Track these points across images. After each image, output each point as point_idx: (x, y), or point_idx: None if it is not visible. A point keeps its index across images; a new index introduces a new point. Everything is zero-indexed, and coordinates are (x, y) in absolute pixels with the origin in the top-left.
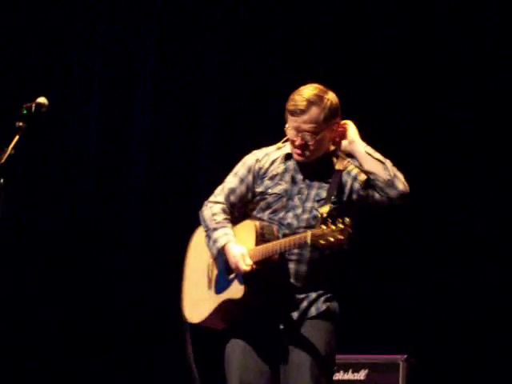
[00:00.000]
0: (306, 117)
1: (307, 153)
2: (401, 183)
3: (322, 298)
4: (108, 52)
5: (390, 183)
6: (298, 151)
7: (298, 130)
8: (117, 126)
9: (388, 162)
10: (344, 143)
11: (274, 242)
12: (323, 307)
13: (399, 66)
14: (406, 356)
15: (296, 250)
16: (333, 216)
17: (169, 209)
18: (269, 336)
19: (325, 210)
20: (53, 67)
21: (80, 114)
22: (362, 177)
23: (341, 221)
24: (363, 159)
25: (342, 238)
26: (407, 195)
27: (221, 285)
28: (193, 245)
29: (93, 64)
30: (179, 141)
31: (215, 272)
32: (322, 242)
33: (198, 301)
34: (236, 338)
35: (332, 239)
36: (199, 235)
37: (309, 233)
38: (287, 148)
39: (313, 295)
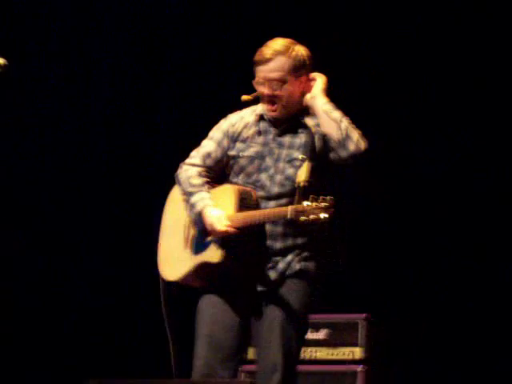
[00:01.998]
0: (271, 65)
1: (278, 105)
2: (352, 144)
3: (297, 258)
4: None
5: (341, 144)
6: (270, 106)
7: (265, 79)
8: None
9: (344, 122)
10: (307, 97)
11: (254, 213)
12: (297, 267)
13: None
14: (365, 315)
15: None
16: (311, 186)
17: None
18: (243, 295)
19: (301, 177)
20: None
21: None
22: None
23: (322, 198)
24: (320, 116)
25: (325, 216)
26: (359, 156)
27: (198, 246)
28: (170, 202)
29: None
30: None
31: (192, 232)
32: (302, 218)
33: (174, 259)
34: (209, 293)
35: (314, 217)
36: (176, 193)
37: (289, 207)
38: (260, 109)
39: (289, 256)
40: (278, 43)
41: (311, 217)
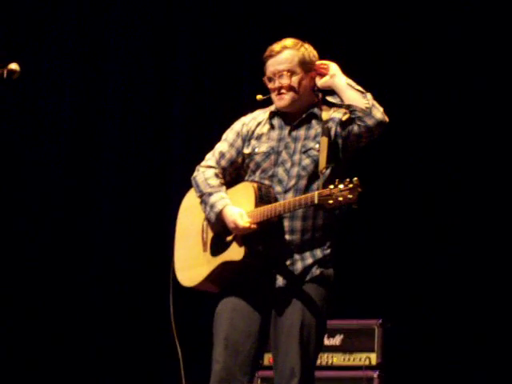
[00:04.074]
0: (280, 57)
1: (286, 95)
2: (379, 112)
3: (318, 263)
4: (79, 27)
5: (368, 111)
6: (278, 95)
7: (274, 74)
8: (90, 93)
9: (369, 94)
10: (325, 78)
11: (276, 204)
12: (317, 272)
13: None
14: (381, 321)
15: None
16: (333, 172)
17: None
18: (261, 297)
19: (322, 164)
20: (25, 34)
21: (53, 83)
22: (344, 117)
23: (349, 180)
24: (344, 91)
25: (352, 197)
26: (385, 124)
27: (217, 247)
28: (184, 207)
29: (65, 35)
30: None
31: (210, 234)
32: (330, 201)
33: (192, 264)
34: (228, 297)
35: (341, 199)
36: (190, 198)
37: (316, 193)
38: (274, 108)
39: (309, 260)
40: (287, 40)
41: (340, 199)
